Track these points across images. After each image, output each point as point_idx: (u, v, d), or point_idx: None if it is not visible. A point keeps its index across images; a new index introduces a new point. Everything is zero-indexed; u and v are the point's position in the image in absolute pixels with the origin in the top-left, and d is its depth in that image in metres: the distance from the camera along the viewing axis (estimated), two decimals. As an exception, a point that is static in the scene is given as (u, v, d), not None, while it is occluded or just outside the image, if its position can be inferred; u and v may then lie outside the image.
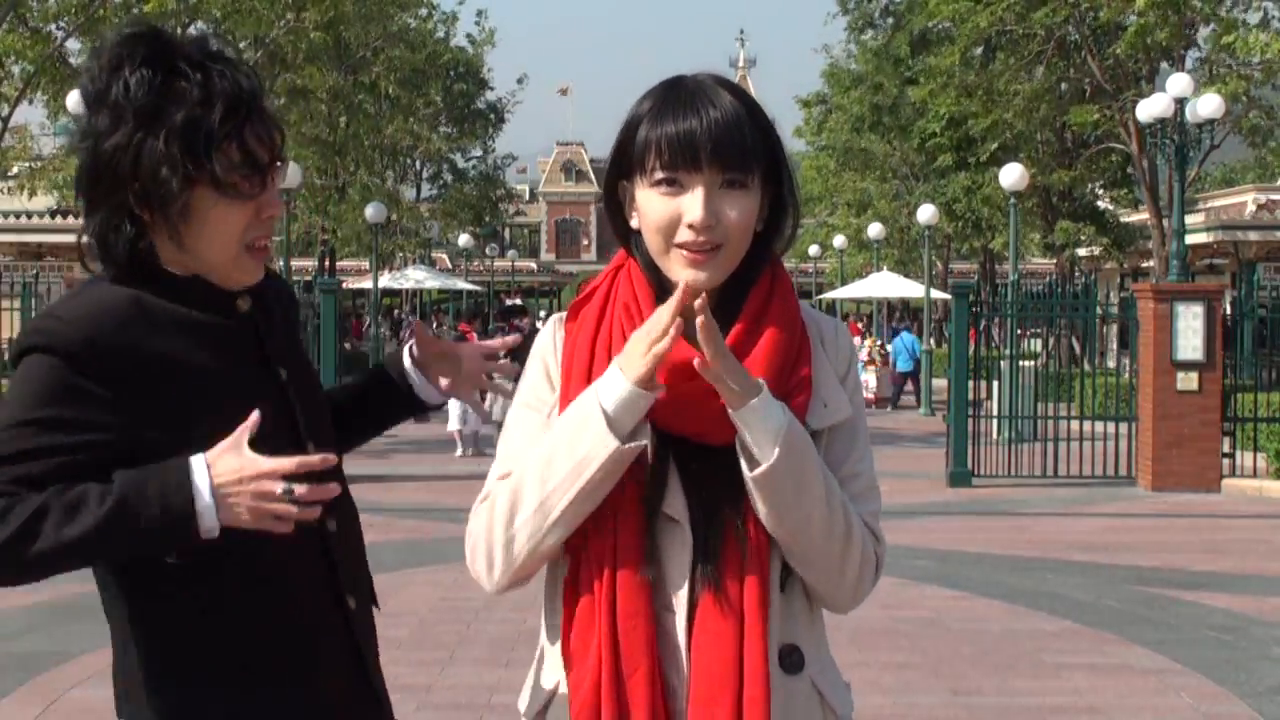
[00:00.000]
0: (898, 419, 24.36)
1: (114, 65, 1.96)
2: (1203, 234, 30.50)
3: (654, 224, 1.88)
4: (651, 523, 1.89)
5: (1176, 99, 15.93)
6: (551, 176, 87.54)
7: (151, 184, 1.95)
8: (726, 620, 1.85)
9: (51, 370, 1.92)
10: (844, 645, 7.04)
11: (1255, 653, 7.53)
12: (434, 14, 33.98)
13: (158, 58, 1.97)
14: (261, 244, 2.05)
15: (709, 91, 1.88)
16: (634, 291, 1.94)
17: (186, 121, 1.94)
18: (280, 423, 2.05)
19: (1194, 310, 14.52)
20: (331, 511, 2.04)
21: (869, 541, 1.96)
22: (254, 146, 1.99)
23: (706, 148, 1.84)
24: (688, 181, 1.85)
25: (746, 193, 1.88)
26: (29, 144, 28.49)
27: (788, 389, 1.90)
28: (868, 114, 36.31)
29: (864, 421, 2.04)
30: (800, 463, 1.85)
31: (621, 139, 1.93)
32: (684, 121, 1.85)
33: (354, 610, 2.14)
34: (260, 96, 2.03)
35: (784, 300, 1.95)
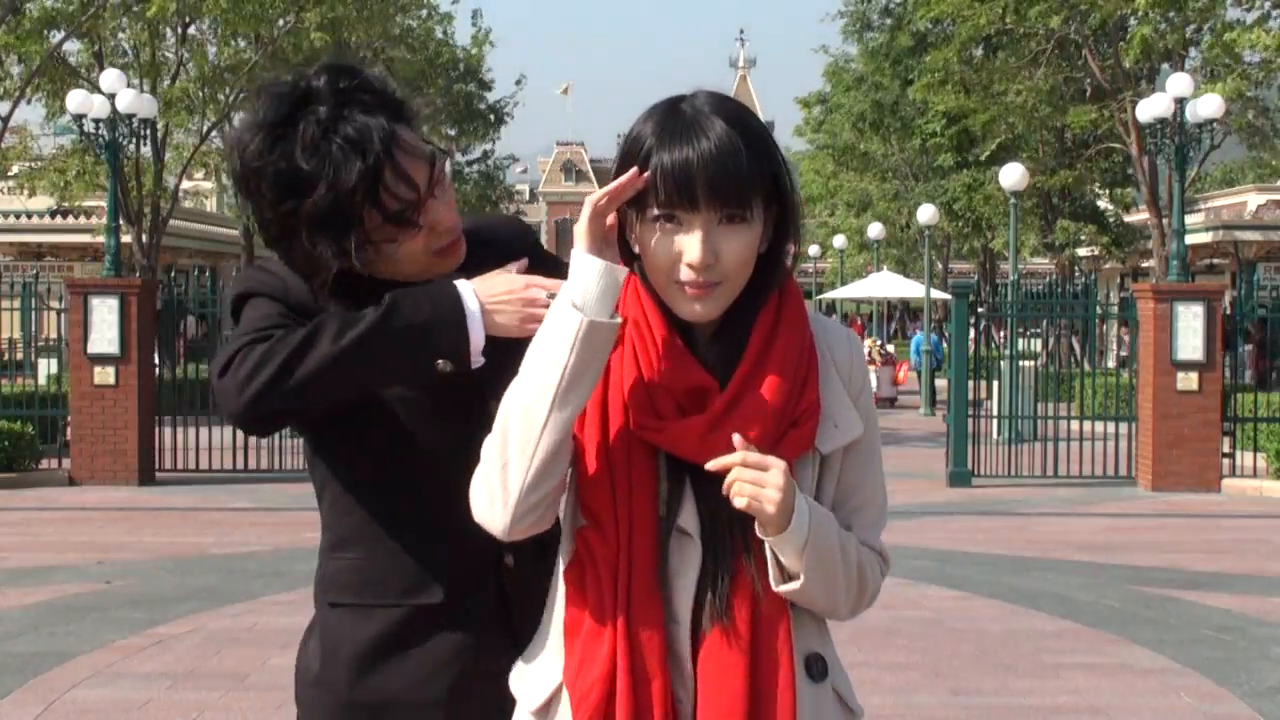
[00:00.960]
0: (898, 419, 24.36)
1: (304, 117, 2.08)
2: (1203, 234, 30.52)
3: (653, 261, 1.88)
4: (665, 535, 1.89)
5: (1176, 99, 15.93)
6: (551, 176, 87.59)
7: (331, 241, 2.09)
8: (736, 635, 1.86)
9: (268, 304, 2.15)
10: (844, 645, 7.02)
11: (1255, 653, 7.53)
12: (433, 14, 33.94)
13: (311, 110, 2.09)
14: (445, 247, 2.14)
15: (705, 122, 1.85)
16: (642, 308, 1.93)
17: (332, 202, 2.04)
18: (461, 390, 2.11)
19: (1194, 310, 14.52)
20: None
21: (877, 571, 2.00)
22: (394, 193, 2.06)
23: (703, 187, 1.82)
24: (685, 219, 1.85)
25: (746, 225, 1.86)
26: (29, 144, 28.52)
27: (795, 417, 1.91)
28: (869, 112, 36.28)
29: (877, 436, 2.04)
30: (827, 567, 1.88)
31: (621, 165, 1.90)
32: (680, 157, 1.83)
33: (512, 568, 2.19)
34: (390, 138, 2.07)
35: (791, 327, 1.94)
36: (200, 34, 24.23)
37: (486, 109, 42.08)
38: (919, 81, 29.30)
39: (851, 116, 37.53)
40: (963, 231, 34.99)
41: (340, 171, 2.03)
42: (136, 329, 14.70)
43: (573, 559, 1.94)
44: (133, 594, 8.86)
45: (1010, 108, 26.13)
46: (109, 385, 14.67)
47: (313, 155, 2.04)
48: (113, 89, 16.35)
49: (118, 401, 14.67)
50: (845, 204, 43.17)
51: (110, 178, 16.92)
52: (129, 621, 8.08)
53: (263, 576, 9.29)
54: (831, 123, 40.82)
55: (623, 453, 1.90)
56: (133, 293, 14.86)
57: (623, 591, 1.87)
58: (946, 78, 27.35)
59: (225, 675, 6.84)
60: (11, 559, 10.22)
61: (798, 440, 1.91)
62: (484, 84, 41.50)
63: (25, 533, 11.61)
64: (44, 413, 15.73)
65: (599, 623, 1.88)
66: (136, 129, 16.83)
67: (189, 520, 11.95)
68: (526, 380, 1.86)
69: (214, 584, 9.15)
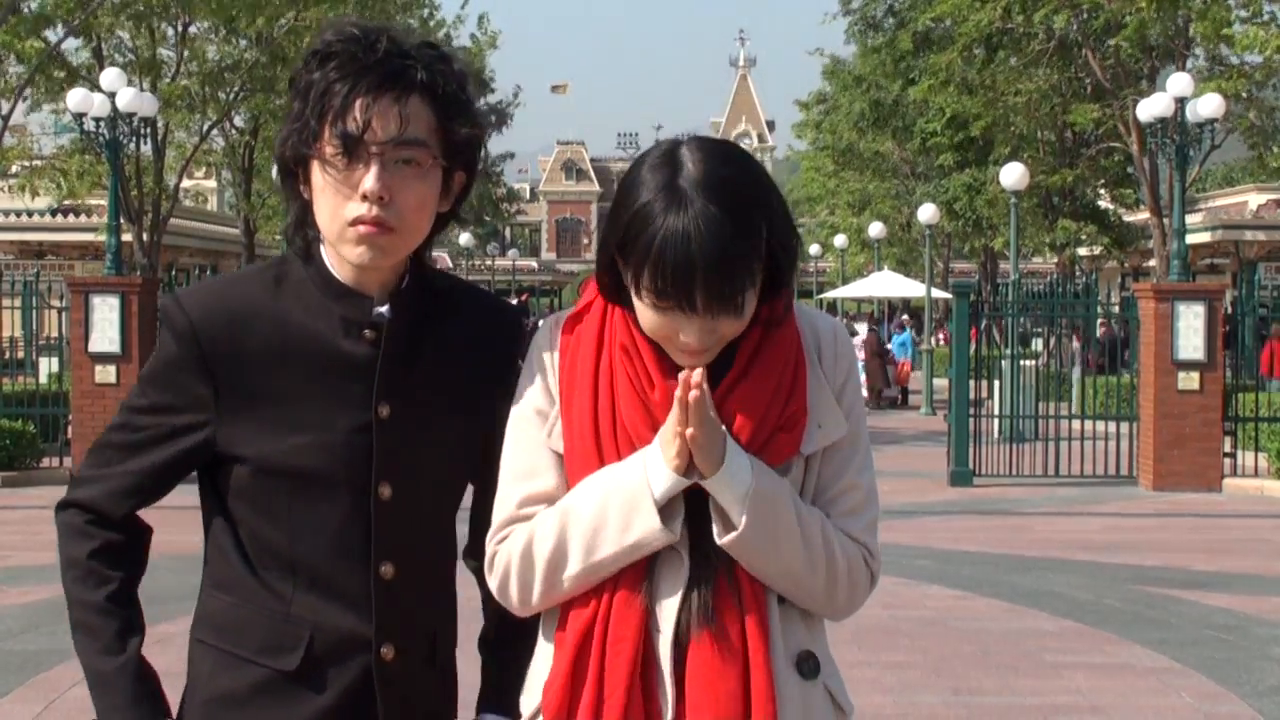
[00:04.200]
0: (898, 419, 24.36)
1: (304, 56, 2.02)
2: (1203, 233, 30.54)
3: (650, 331, 1.89)
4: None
5: (1177, 99, 15.92)
6: (552, 175, 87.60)
7: (280, 157, 2.01)
8: (721, 642, 1.87)
9: (168, 347, 2.04)
10: (844, 645, 7.04)
11: (1255, 653, 7.52)
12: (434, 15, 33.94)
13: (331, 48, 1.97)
14: (363, 223, 1.94)
15: (702, 218, 1.80)
16: (631, 334, 1.94)
17: (300, 100, 1.97)
18: (354, 459, 1.99)
19: (1195, 310, 14.52)
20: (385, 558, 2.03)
21: (859, 562, 1.97)
22: (353, 117, 1.91)
23: (701, 297, 1.81)
24: (682, 311, 1.84)
25: (741, 311, 1.87)
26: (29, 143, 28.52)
27: (780, 423, 1.92)
28: (869, 111, 36.28)
29: (864, 431, 2.03)
30: (771, 524, 1.87)
31: (622, 221, 1.87)
32: (679, 262, 1.80)
33: (389, 662, 2.03)
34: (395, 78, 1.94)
35: (777, 340, 1.95)
36: (200, 33, 24.22)
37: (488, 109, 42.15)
38: (922, 82, 29.30)
39: (851, 116, 37.53)
40: (963, 231, 35.00)
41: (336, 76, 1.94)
42: (137, 328, 14.70)
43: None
44: (133, 593, 8.86)
45: (1012, 107, 26.13)
46: (110, 384, 14.68)
47: (343, 57, 1.96)
48: (113, 87, 16.36)
49: (119, 400, 14.50)
50: (845, 203, 43.15)
51: (111, 176, 16.93)
52: (129, 620, 8.07)
53: (263, 575, 9.26)
54: (831, 122, 40.81)
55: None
56: (134, 291, 14.87)
57: (605, 603, 1.90)
58: (949, 78, 27.34)
59: (226, 674, 6.83)
60: (12, 557, 10.22)
61: (784, 445, 1.92)
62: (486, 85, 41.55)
63: (26, 531, 11.61)
64: (45, 411, 15.74)
65: (574, 631, 1.91)
66: (137, 127, 16.84)
67: (189, 519, 11.89)
68: (594, 545, 1.89)
69: (214, 583, 9.15)
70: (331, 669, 2.01)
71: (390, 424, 2.00)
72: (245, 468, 2.02)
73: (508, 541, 1.96)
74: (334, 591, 2.01)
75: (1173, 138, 16.12)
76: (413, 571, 2.04)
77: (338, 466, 1.99)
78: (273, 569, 2.04)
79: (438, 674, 2.13)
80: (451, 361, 2.07)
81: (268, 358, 1.99)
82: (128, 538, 2.18)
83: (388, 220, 1.94)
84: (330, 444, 1.99)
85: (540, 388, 2.00)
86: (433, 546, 2.10)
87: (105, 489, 2.12)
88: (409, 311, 2.04)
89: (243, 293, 2.04)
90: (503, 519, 1.98)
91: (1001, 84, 26.28)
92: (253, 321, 2.00)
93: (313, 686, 2.01)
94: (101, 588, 2.10)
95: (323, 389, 2.00)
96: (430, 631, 2.11)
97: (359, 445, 1.99)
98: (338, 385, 2.00)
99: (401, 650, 2.03)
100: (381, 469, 2.00)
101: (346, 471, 1.99)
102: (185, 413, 2.03)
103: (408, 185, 1.95)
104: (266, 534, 2.04)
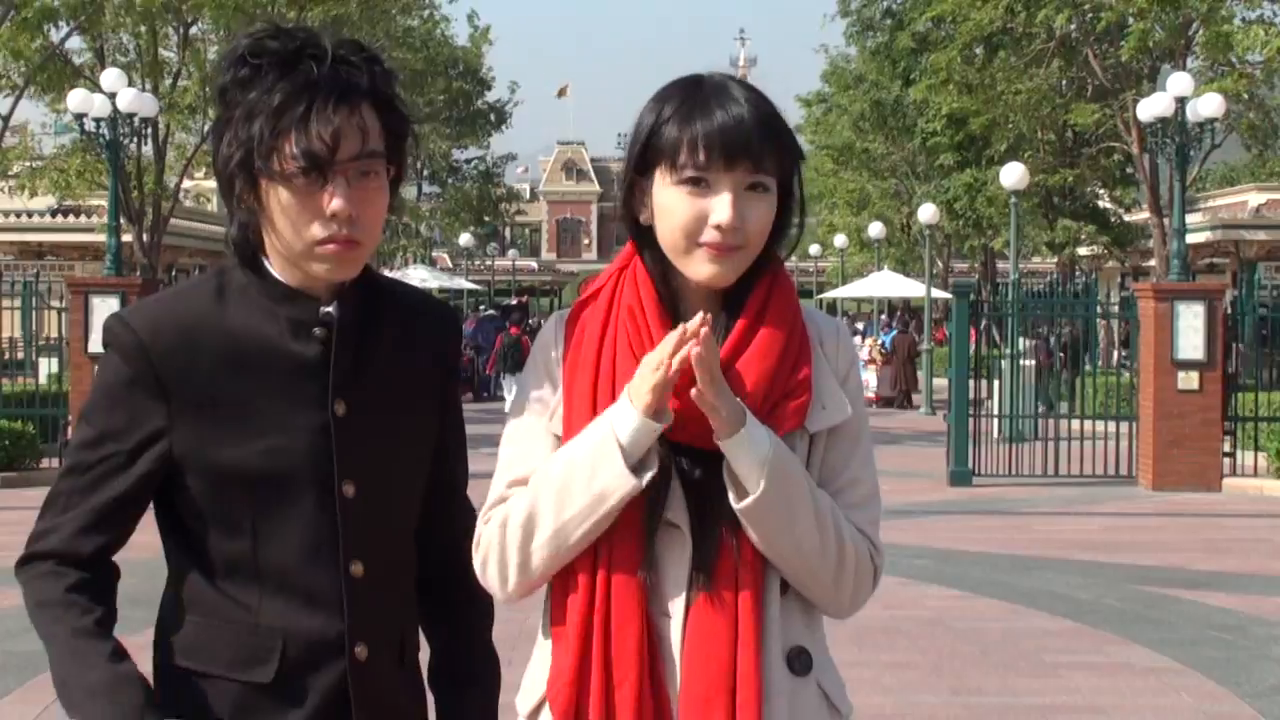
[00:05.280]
0: (897, 419, 24.36)
1: (228, 60, 1.97)
2: (1203, 233, 30.49)
3: (680, 223, 1.88)
4: (652, 528, 1.89)
5: (1177, 98, 15.92)
6: (552, 176, 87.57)
7: (224, 171, 1.97)
8: (720, 626, 1.86)
9: (115, 370, 1.99)
10: (844, 645, 7.03)
11: (1255, 653, 7.52)
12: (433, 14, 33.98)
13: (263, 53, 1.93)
14: (333, 242, 1.92)
15: (734, 91, 1.90)
16: (638, 294, 1.94)
17: (246, 113, 1.91)
18: (315, 459, 1.98)
19: (1194, 310, 14.52)
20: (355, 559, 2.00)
21: (865, 553, 1.96)
22: (314, 140, 1.87)
23: (740, 148, 1.86)
24: (715, 182, 1.87)
25: (768, 195, 1.90)
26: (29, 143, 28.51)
27: (787, 389, 1.91)
28: (869, 112, 36.27)
29: (866, 425, 2.04)
30: (788, 492, 1.86)
31: (644, 136, 1.91)
32: (715, 121, 1.86)
33: (363, 662, 2.01)
34: (348, 91, 1.91)
35: (784, 301, 1.96)
36: (202, 34, 24.20)
37: (486, 108, 42.10)
38: (921, 82, 29.28)
39: (851, 116, 37.51)
40: (963, 231, 34.98)
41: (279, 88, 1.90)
42: (137, 328, 14.69)
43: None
44: (133, 593, 8.80)
45: (1012, 106, 26.11)
46: (109, 384, 14.66)
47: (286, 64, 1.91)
48: (113, 88, 16.36)
49: (118, 401, 14.66)
50: (845, 203, 43.11)
51: (111, 177, 16.93)
52: (129, 621, 8.00)
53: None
54: (830, 122, 40.79)
55: None
56: (133, 292, 14.88)
57: (601, 588, 1.88)
58: (949, 78, 27.32)
59: (225, 674, 6.83)
60: (12, 558, 10.18)
61: (790, 413, 1.91)
62: (483, 83, 41.56)
63: (25, 532, 11.54)
64: (45, 412, 15.74)
65: (576, 622, 1.89)
66: (137, 128, 16.84)
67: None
68: (564, 503, 1.87)
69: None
70: (308, 675, 1.99)
71: (348, 421, 1.99)
72: (203, 480, 1.99)
73: (490, 522, 1.96)
74: (304, 595, 1.99)
75: (1173, 138, 16.12)
76: (381, 570, 2.02)
77: (300, 467, 1.97)
78: (238, 580, 2.01)
79: (407, 674, 2.12)
80: (401, 356, 2.07)
81: (219, 366, 1.97)
82: (100, 576, 2.14)
83: (355, 236, 1.93)
84: (290, 445, 1.97)
85: (543, 376, 2.01)
86: (398, 544, 2.09)
87: (67, 532, 2.11)
88: (357, 309, 2.03)
89: (187, 305, 2.01)
90: (490, 502, 1.99)
91: (1002, 83, 26.26)
92: (201, 331, 1.97)
93: (290, 696, 1.98)
94: (89, 615, 2.08)
95: (277, 392, 1.97)
96: (399, 631, 2.09)
97: (319, 444, 1.98)
98: (292, 387, 1.98)
99: (374, 650, 2.02)
100: (343, 466, 1.99)
101: (309, 472, 1.98)
102: (138, 432, 1.98)
103: (369, 199, 1.94)
104: (228, 545, 2.01)
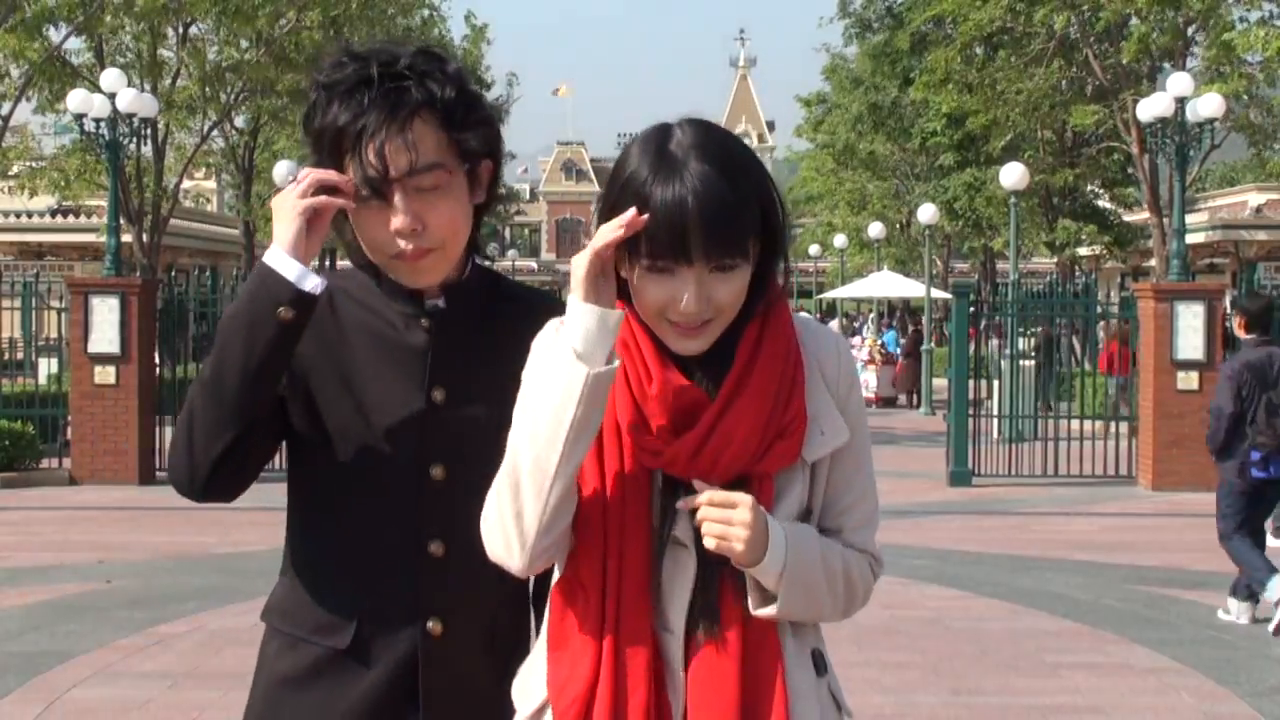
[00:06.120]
0: (898, 419, 24.36)
1: (318, 83, 2.11)
2: (1203, 233, 30.51)
3: (647, 305, 1.89)
4: (660, 546, 1.91)
5: (1177, 98, 15.92)
6: (552, 176, 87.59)
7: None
8: (726, 642, 1.88)
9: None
10: (844, 645, 7.04)
11: (1255, 653, 7.53)
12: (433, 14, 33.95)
13: (335, 85, 2.07)
14: (407, 255, 2.07)
15: (694, 169, 1.84)
16: (632, 331, 1.94)
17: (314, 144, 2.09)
18: (410, 440, 2.11)
19: (1194, 310, 14.51)
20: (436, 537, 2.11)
21: (868, 574, 2.01)
22: (369, 162, 2.02)
23: (696, 242, 1.82)
24: (678, 269, 1.85)
25: (738, 270, 1.88)
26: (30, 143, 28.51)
27: (781, 428, 1.92)
28: (868, 113, 36.27)
29: (866, 442, 2.04)
30: (804, 585, 1.90)
31: (612, 200, 1.89)
32: (672, 211, 1.82)
33: (436, 638, 2.11)
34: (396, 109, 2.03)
35: (777, 336, 1.95)
36: (201, 34, 24.20)
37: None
38: (919, 80, 29.27)
39: (850, 116, 37.52)
40: (963, 231, 34.97)
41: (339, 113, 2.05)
42: (137, 328, 14.70)
43: (564, 571, 1.96)
44: (133, 593, 8.86)
45: (1012, 104, 26.11)
46: (109, 384, 14.68)
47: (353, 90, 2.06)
48: (113, 88, 16.35)
49: (118, 401, 14.67)
50: (845, 203, 43.13)
51: (110, 177, 16.91)
52: (129, 621, 8.08)
53: (263, 576, 9.26)
54: (831, 121, 40.80)
55: (616, 465, 1.92)
56: (133, 292, 14.86)
57: (611, 603, 1.89)
58: (947, 77, 27.31)
59: (225, 675, 6.83)
60: (11, 558, 10.22)
61: (784, 452, 1.92)
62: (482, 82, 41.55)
63: (25, 532, 11.61)
64: (44, 412, 15.73)
65: (584, 635, 1.91)
66: (137, 128, 16.83)
67: (189, 519, 11.94)
68: (534, 431, 1.87)
69: (214, 583, 9.15)
70: (381, 644, 2.09)
71: (444, 407, 2.12)
72: (311, 442, 2.13)
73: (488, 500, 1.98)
74: (384, 568, 2.10)
75: (1173, 138, 16.11)
76: (463, 551, 2.08)
77: (395, 446, 2.10)
78: (328, 547, 2.14)
79: (495, 659, 2.14)
80: (505, 350, 2.14)
81: (339, 338, 2.13)
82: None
83: (425, 244, 2.07)
84: (387, 425, 2.10)
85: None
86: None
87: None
88: (462, 302, 2.18)
89: (345, 281, 2.20)
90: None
91: (1002, 83, 26.26)
92: (335, 304, 2.15)
93: (364, 662, 2.09)
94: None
95: (382, 374, 2.12)
96: (488, 614, 2.14)
97: (414, 427, 2.11)
98: (396, 371, 2.12)
99: (451, 628, 2.10)
100: (434, 450, 2.11)
101: (402, 451, 2.10)
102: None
103: (434, 207, 2.06)
104: (324, 513, 2.14)
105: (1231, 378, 8.13)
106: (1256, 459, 7.99)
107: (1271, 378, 8.02)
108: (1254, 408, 7.97)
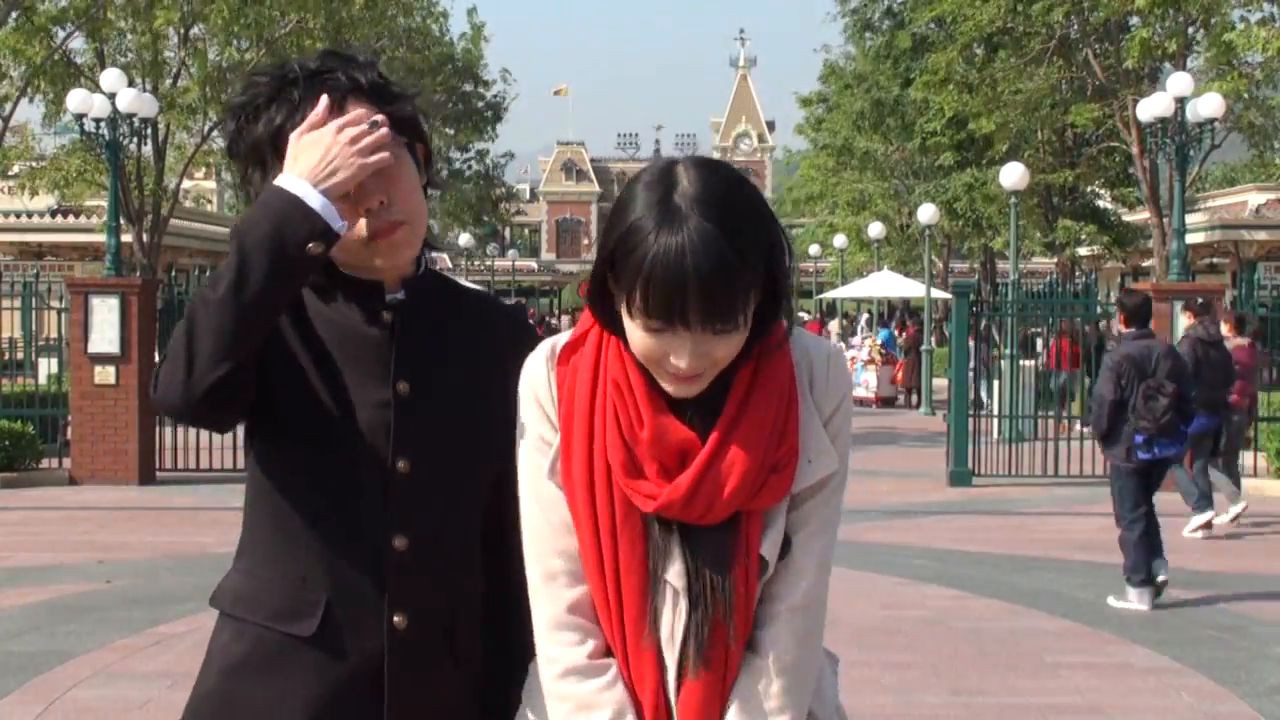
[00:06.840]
0: (897, 419, 24.36)
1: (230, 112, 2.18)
2: (1203, 233, 30.51)
3: (641, 352, 1.86)
4: (655, 590, 1.91)
5: (1177, 98, 15.92)
6: (552, 176, 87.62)
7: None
8: (712, 683, 1.90)
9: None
10: (844, 645, 7.04)
11: (1255, 653, 7.53)
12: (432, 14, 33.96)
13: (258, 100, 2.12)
14: (381, 231, 2.08)
15: (695, 226, 1.77)
16: (625, 370, 1.92)
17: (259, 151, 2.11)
18: (374, 433, 2.09)
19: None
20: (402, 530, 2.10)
21: (821, 655, 2.04)
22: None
23: (695, 307, 1.78)
24: (675, 330, 1.81)
25: (735, 331, 1.84)
26: (30, 143, 28.51)
27: (774, 464, 1.91)
28: (868, 111, 36.24)
29: (848, 459, 2.03)
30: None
31: (612, 245, 1.83)
32: (671, 277, 1.76)
33: (402, 630, 2.10)
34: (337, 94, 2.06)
35: (771, 380, 1.93)
36: (202, 35, 24.20)
37: (484, 106, 42.07)
38: (919, 80, 29.26)
39: (850, 116, 37.50)
40: (963, 231, 34.96)
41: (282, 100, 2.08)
42: (137, 328, 14.70)
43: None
44: (133, 594, 8.86)
45: (1012, 104, 26.11)
46: (109, 385, 14.67)
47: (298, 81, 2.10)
48: (113, 88, 16.35)
49: (118, 401, 14.67)
50: (845, 203, 43.11)
51: (111, 177, 16.92)
52: (129, 621, 8.08)
53: (263, 576, 9.26)
54: (831, 121, 40.79)
55: (607, 508, 1.91)
56: (133, 292, 14.87)
57: (617, 648, 1.92)
58: (948, 77, 27.31)
59: (225, 675, 6.83)
60: (11, 559, 10.22)
61: (777, 487, 1.91)
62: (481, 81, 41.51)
63: (25, 532, 11.61)
64: (44, 412, 15.73)
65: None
66: (137, 128, 16.83)
67: (189, 519, 11.95)
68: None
69: (214, 583, 9.06)
70: (349, 636, 2.08)
71: (409, 400, 2.11)
72: (276, 429, 2.11)
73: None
74: (350, 560, 2.09)
75: (1173, 138, 16.11)
76: (427, 546, 2.09)
77: (359, 438, 2.09)
78: (292, 535, 2.11)
79: (458, 660, 2.15)
80: (465, 343, 2.17)
81: (303, 331, 2.11)
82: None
83: (395, 216, 2.08)
84: (353, 417, 2.09)
85: (541, 418, 1.99)
86: (450, 523, 2.14)
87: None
88: (421, 296, 2.17)
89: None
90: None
91: (1002, 83, 26.26)
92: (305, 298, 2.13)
93: (331, 652, 2.08)
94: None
95: (346, 367, 2.11)
96: (449, 613, 2.14)
97: (379, 420, 2.09)
98: (359, 363, 2.11)
99: (415, 623, 2.09)
100: (400, 443, 2.09)
101: (367, 444, 2.09)
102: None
103: (394, 179, 2.08)
104: (288, 500, 2.12)
105: (1112, 368, 8.87)
106: (1140, 441, 8.69)
107: (1150, 368, 8.73)
108: (1133, 395, 8.66)
